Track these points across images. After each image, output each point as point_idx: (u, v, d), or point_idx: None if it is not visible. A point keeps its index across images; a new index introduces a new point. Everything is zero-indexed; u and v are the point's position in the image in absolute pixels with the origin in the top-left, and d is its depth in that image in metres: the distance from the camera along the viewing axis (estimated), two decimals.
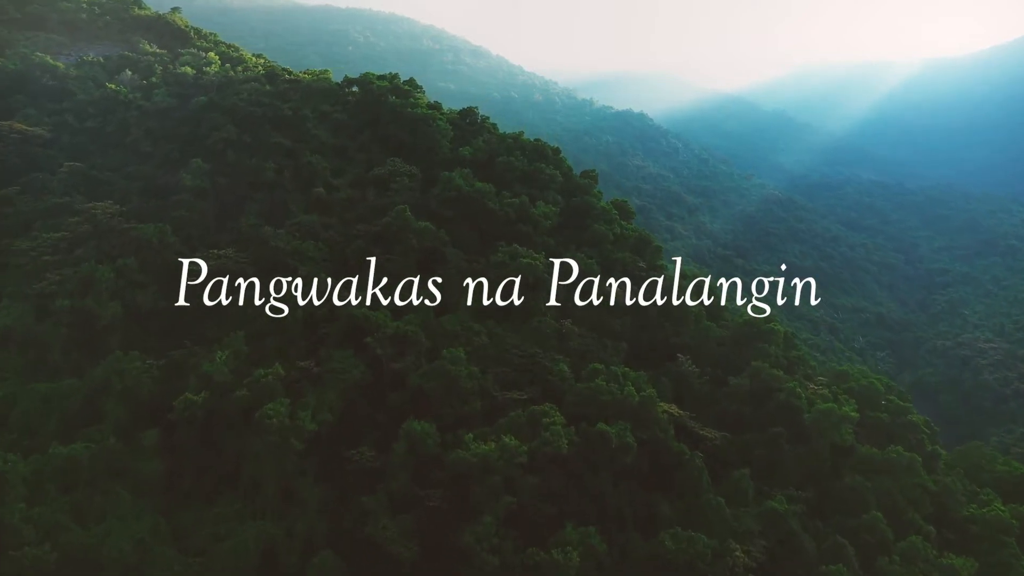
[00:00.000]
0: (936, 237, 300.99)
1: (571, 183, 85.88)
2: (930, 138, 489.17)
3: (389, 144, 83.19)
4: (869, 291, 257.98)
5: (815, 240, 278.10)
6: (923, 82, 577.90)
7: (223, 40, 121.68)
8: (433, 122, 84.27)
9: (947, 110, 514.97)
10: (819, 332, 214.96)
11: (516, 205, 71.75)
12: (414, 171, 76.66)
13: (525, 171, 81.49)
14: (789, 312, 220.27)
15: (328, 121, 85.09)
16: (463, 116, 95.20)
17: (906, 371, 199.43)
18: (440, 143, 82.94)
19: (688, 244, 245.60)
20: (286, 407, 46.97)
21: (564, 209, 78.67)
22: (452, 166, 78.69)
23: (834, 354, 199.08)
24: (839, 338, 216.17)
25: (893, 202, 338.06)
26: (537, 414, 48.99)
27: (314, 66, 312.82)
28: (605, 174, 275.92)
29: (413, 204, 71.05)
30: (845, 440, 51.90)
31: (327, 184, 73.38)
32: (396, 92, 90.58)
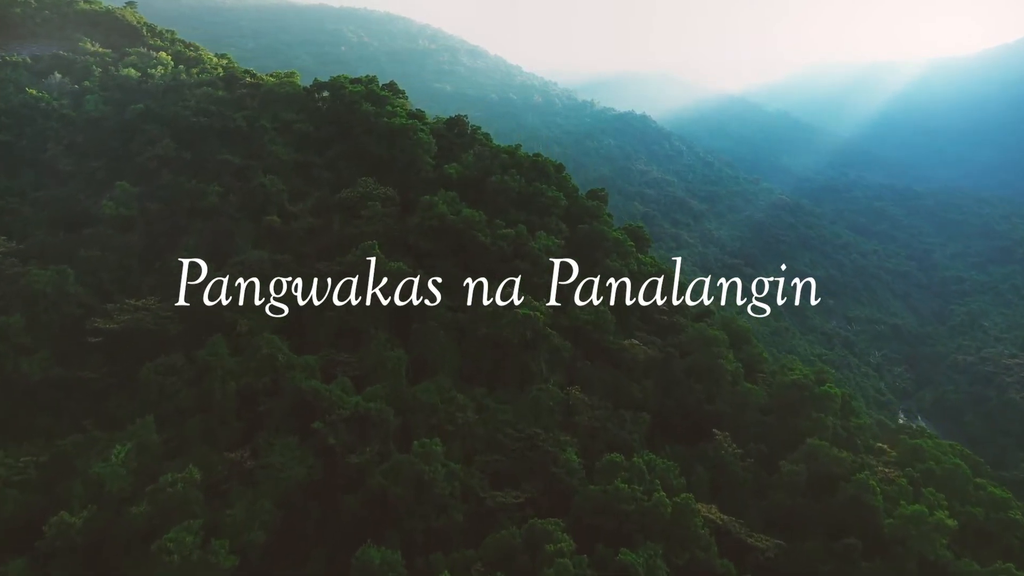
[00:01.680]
0: (949, 243, 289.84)
1: (577, 206, 73.09)
2: (935, 139, 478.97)
3: (362, 160, 70.11)
4: (883, 301, 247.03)
5: (825, 247, 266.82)
6: (927, 83, 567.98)
7: (183, 39, 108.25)
8: (414, 134, 71.02)
9: (952, 111, 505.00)
10: (833, 346, 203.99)
11: (512, 237, 59.07)
12: (390, 193, 63.97)
13: (523, 193, 69.07)
14: (802, 324, 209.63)
15: (290, 133, 71.82)
16: (450, 126, 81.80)
17: (926, 388, 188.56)
18: (422, 159, 69.89)
19: (694, 252, 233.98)
20: (196, 533, 34.42)
21: (570, 239, 66.01)
22: (435, 187, 66.00)
23: (850, 371, 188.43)
24: (854, 352, 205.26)
25: (903, 206, 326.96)
26: (538, 534, 36.48)
27: (306, 68, 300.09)
28: (608, 179, 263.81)
29: (387, 235, 58.61)
30: (940, 555, 39.69)
31: (283, 210, 60.61)
32: (371, 98, 77.42)
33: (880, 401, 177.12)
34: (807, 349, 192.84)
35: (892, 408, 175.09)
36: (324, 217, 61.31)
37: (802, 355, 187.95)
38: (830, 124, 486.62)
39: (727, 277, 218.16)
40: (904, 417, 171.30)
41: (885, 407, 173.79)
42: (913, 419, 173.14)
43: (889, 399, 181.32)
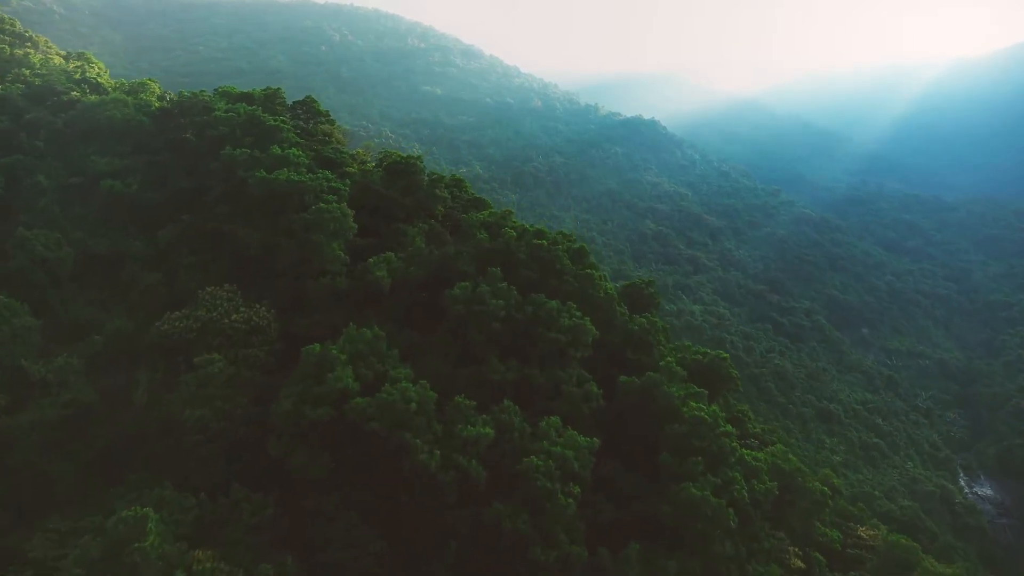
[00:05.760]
0: (990, 262, 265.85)
1: (616, 333, 42.49)
2: (953, 144, 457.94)
3: (218, 250, 40.73)
4: (923, 330, 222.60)
5: (856, 268, 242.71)
6: (941, 85, 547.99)
7: (28, 30, 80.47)
8: (312, 202, 41.00)
9: (969, 114, 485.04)
10: (877, 389, 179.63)
11: (494, 461, 30.07)
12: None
13: (515, 322, 37.83)
14: (838, 361, 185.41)
15: (92, 197, 42.44)
16: (393, 174, 49.46)
17: (986, 439, 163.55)
18: (325, 252, 39.61)
19: (714, 278, 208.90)
20: None
21: (604, 422, 36.30)
22: (345, 311, 36.10)
23: (898, 419, 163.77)
24: (899, 395, 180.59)
25: (934, 219, 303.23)
26: None
27: (280, 69, 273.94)
28: (615, 193, 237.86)
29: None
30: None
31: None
32: (254, 130, 46.80)
33: (936, 458, 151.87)
34: (849, 395, 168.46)
35: (951, 467, 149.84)
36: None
37: (844, 403, 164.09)
38: (843, 128, 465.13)
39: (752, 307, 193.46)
40: (964, 478, 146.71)
41: (943, 465, 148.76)
42: (975, 480, 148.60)
43: (946, 455, 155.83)
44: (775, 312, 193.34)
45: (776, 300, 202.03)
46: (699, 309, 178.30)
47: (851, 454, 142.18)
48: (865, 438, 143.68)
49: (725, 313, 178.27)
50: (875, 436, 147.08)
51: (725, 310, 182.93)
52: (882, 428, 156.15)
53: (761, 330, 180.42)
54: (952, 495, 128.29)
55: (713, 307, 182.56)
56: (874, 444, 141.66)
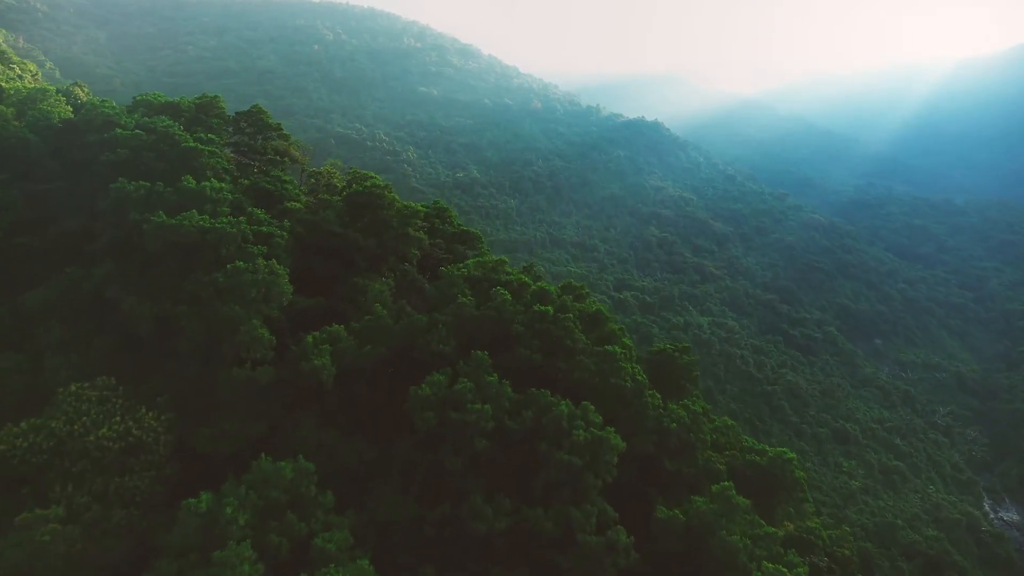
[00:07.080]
0: (1005, 269, 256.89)
1: (641, 455, 29.50)
2: (960, 146, 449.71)
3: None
4: (938, 341, 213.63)
5: (867, 275, 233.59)
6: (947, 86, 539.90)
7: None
8: (243, 277, 28.50)
9: (977, 115, 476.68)
10: (893, 405, 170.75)
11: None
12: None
13: (512, 436, 26.60)
14: (851, 375, 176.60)
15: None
16: (358, 207, 36.57)
17: (1008, 458, 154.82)
18: (246, 347, 27.31)
19: (722, 287, 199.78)
20: None
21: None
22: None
23: (917, 438, 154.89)
24: (917, 411, 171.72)
25: (945, 224, 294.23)
26: None
27: (271, 69, 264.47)
28: (619, 199, 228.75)
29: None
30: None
31: None
32: (163, 154, 33.13)
33: (959, 481, 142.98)
34: (865, 413, 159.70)
35: (974, 490, 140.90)
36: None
37: (861, 422, 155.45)
38: (847, 129, 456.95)
39: (762, 318, 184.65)
40: (988, 502, 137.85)
41: (966, 489, 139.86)
42: (1000, 504, 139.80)
43: (968, 477, 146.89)
44: (785, 323, 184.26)
45: (786, 310, 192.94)
46: (707, 321, 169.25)
47: (870, 478, 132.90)
48: (884, 460, 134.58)
49: (734, 325, 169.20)
50: (895, 458, 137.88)
51: (734, 322, 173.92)
52: (901, 449, 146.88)
53: (772, 343, 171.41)
54: (978, 522, 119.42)
55: (721, 319, 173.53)
56: (894, 467, 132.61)
